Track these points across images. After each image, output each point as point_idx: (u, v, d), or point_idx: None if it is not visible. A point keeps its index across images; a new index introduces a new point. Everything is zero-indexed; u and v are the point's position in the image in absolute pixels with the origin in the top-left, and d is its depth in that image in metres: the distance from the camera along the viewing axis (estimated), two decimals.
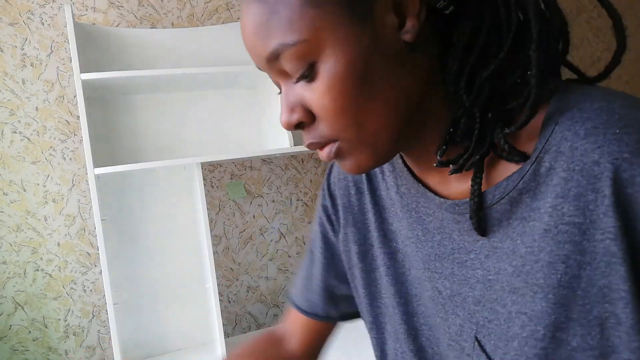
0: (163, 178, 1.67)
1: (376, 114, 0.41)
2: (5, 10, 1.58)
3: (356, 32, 0.39)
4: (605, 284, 0.37)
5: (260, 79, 1.67)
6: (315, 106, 0.42)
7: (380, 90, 0.41)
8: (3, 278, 1.55)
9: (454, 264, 0.48)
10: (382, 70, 0.40)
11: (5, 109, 1.57)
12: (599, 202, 0.37)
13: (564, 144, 0.39)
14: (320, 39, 0.39)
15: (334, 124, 0.42)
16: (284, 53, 0.40)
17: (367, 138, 0.42)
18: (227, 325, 1.84)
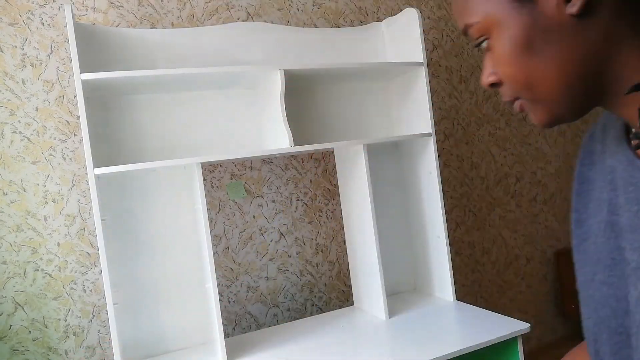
0: (163, 178, 1.67)
1: (546, 78, 0.49)
2: (5, 10, 1.58)
3: (517, 13, 0.48)
4: None
5: (260, 79, 1.67)
6: (496, 72, 0.53)
7: (548, 60, 0.48)
8: (3, 278, 1.55)
9: None
10: (546, 43, 0.48)
11: (5, 109, 1.57)
12: None
13: None
14: (489, 21, 0.50)
15: (511, 87, 0.52)
16: (469, 29, 0.53)
17: (541, 97, 0.50)
18: (227, 325, 1.85)
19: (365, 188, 1.69)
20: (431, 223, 1.88)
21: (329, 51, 1.93)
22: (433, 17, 2.38)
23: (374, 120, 2.01)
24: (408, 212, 2.03)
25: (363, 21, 2.16)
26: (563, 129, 2.81)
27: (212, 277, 1.48)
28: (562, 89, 0.49)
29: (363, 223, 1.76)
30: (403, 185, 2.03)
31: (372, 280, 1.75)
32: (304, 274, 2.00)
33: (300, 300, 1.99)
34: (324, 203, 2.05)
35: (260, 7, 1.96)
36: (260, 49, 1.81)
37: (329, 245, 2.05)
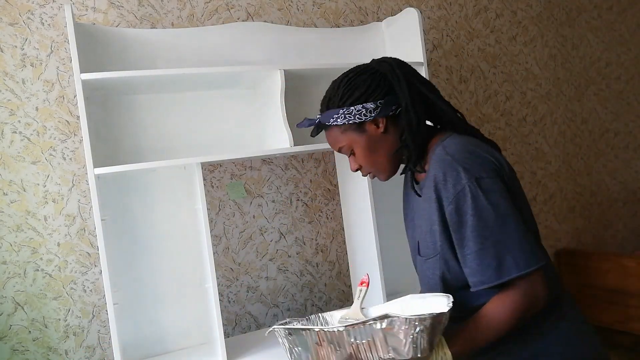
0: (163, 178, 1.67)
1: (381, 162, 1.11)
2: (5, 10, 1.58)
3: (361, 137, 1.08)
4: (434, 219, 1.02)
5: (260, 79, 1.67)
6: (360, 163, 1.12)
7: (380, 152, 1.09)
8: (3, 278, 1.55)
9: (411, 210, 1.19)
10: (377, 145, 1.09)
11: (5, 109, 1.57)
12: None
13: (431, 167, 1.05)
14: (350, 143, 1.10)
15: (366, 168, 1.13)
16: (341, 149, 1.12)
17: (380, 170, 1.12)
18: (227, 325, 1.85)
19: (365, 188, 1.69)
20: None
21: (329, 51, 1.93)
22: (433, 17, 2.38)
23: None
24: None
25: (363, 21, 2.16)
26: (563, 129, 2.81)
27: (212, 277, 1.47)
28: (389, 164, 1.11)
29: (363, 223, 1.76)
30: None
31: (372, 280, 1.75)
32: (304, 274, 2.00)
33: (300, 300, 1.99)
34: (324, 203, 2.05)
35: (260, 7, 1.96)
36: (260, 49, 1.81)
37: (329, 245, 2.05)
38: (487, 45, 2.54)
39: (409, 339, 0.85)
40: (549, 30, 2.79)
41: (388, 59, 1.09)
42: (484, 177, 0.94)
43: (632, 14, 3.16)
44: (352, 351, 0.90)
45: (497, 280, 0.92)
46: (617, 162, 3.03)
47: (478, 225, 0.93)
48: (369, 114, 1.04)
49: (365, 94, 1.04)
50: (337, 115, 1.07)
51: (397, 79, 1.04)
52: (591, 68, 2.96)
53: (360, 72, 1.08)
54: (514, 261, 0.91)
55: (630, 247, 3.03)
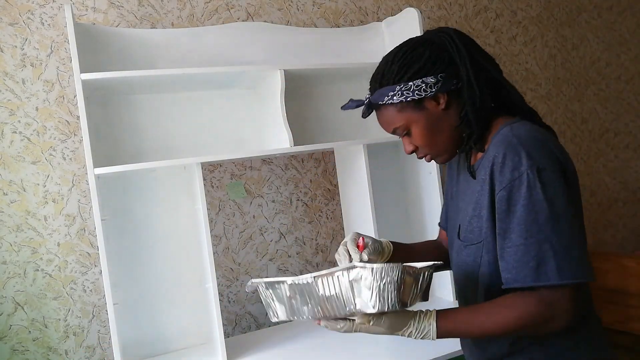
0: (163, 178, 1.67)
1: (442, 142, 1.00)
2: (5, 10, 1.58)
3: (420, 115, 0.98)
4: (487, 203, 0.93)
5: (260, 79, 1.67)
6: (417, 144, 1.02)
7: (440, 132, 0.99)
8: (3, 278, 1.55)
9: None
10: (437, 124, 0.98)
11: (5, 109, 1.57)
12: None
13: (491, 148, 0.95)
14: (407, 122, 0.99)
15: (423, 150, 1.02)
16: (397, 129, 1.01)
17: (440, 151, 1.02)
18: (227, 325, 1.85)
19: (365, 188, 1.69)
20: (431, 223, 1.88)
21: (329, 51, 1.93)
22: (433, 17, 2.38)
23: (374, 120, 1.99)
24: (408, 212, 2.03)
25: (363, 21, 2.16)
26: (563, 129, 2.81)
27: (212, 277, 1.48)
28: (449, 144, 1.01)
29: (363, 223, 1.76)
30: (403, 185, 2.03)
31: None
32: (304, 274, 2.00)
33: None
34: (324, 203, 2.05)
35: (260, 7, 1.96)
36: (260, 49, 1.81)
37: (329, 245, 2.05)
38: (487, 45, 2.54)
39: (375, 291, 0.81)
40: (549, 30, 2.79)
41: (446, 29, 0.99)
42: (546, 169, 0.84)
43: (632, 14, 3.16)
44: (322, 304, 0.86)
45: (532, 283, 0.83)
46: (617, 162, 3.03)
47: (527, 218, 0.84)
48: (429, 89, 0.94)
49: (425, 67, 0.94)
50: (392, 93, 0.95)
51: (457, 50, 0.95)
52: (591, 68, 2.96)
53: (416, 45, 0.97)
54: (557, 267, 0.82)
55: (630, 247, 3.03)
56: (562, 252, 0.82)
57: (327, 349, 1.51)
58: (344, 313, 0.86)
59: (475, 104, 0.94)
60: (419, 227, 1.96)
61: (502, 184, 0.87)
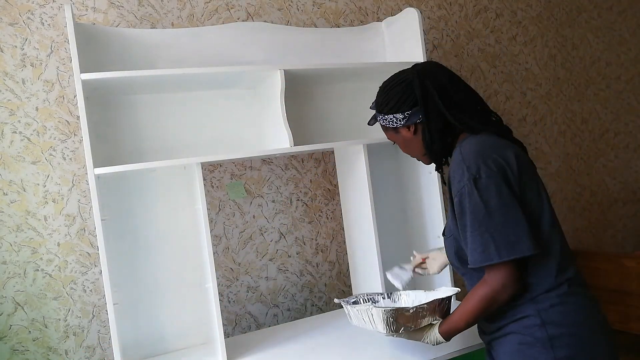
0: (163, 178, 1.67)
1: (416, 155, 1.34)
2: (5, 10, 1.58)
3: (397, 136, 1.32)
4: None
5: (260, 79, 1.67)
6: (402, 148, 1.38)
7: (413, 149, 1.32)
8: (3, 278, 1.55)
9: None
10: (410, 144, 1.31)
11: (5, 109, 1.57)
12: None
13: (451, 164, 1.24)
14: (391, 138, 1.36)
15: (407, 153, 1.38)
16: (389, 139, 1.38)
17: (419, 159, 1.36)
18: (227, 325, 1.85)
19: (365, 188, 1.69)
20: (431, 223, 1.88)
21: (329, 51, 1.93)
22: (433, 17, 2.38)
23: None
24: (408, 212, 2.03)
25: (363, 21, 2.16)
26: (563, 129, 2.81)
27: (212, 277, 1.47)
28: (422, 158, 1.32)
29: (363, 223, 1.76)
30: (403, 185, 2.03)
31: (372, 280, 1.75)
32: (304, 274, 2.00)
33: (300, 300, 1.99)
34: (324, 203, 2.05)
35: (260, 7, 1.96)
36: (260, 49, 1.81)
37: (329, 245, 2.05)
38: (487, 45, 2.54)
39: (383, 322, 1.27)
40: (549, 30, 2.79)
41: (419, 71, 1.25)
42: (481, 177, 1.12)
43: (632, 14, 3.16)
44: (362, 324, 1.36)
45: (481, 263, 1.11)
46: (617, 162, 3.03)
47: (472, 216, 1.12)
48: (398, 122, 1.27)
49: (395, 106, 1.26)
50: (379, 118, 1.32)
51: (420, 94, 1.23)
52: (591, 68, 2.96)
53: (395, 84, 1.28)
54: (496, 249, 1.09)
55: (630, 247, 3.03)
56: (498, 238, 1.09)
57: (327, 349, 1.51)
58: (375, 331, 1.33)
59: (427, 142, 1.26)
60: (419, 227, 1.96)
61: (454, 193, 1.16)
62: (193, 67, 1.53)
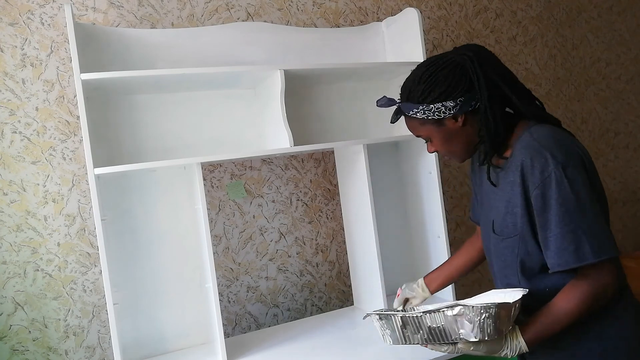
0: (163, 178, 1.67)
1: (457, 150, 1.16)
2: (5, 10, 1.58)
3: (439, 130, 1.13)
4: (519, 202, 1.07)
5: (260, 79, 1.67)
6: (436, 149, 1.19)
7: (456, 143, 1.15)
8: (3, 278, 1.55)
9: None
10: (454, 137, 1.13)
11: (5, 109, 1.57)
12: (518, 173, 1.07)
13: (516, 153, 1.08)
14: (428, 133, 1.15)
15: (443, 154, 1.20)
16: (420, 136, 1.18)
17: (455, 156, 1.19)
18: (227, 325, 1.85)
19: (365, 188, 1.69)
20: (431, 223, 1.88)
21: (329, 51, 1.93)
22: (433, 17, 2.38)
23: (374, 120, 2.01)
24: (408, 212, 2.03)
25: (363, 21, 2.16)
26: None
27: (212, 277, 1.47)
28: (465, 152, 1.17)
29: (363, 223, 1.76)
30: (403, 185, 2.03)
31: (372, 280, 1.75)
32: (304, 274, 2.00)
33: (300, 300, 1.99)
34: (324, 203, 2.05)
35: (260, 7, 1.96)
36: (260, 49, 1.81)
37: (329, 245, 2.05)
38: (487, 45, 2.54)
39: (476, 324, 0.99)
40: (549, 30, 2.79)
41: (469, 53, 1.09)
42: (569, 166, 0.99)
43: (632, 14, 3.16)
44: (431, 333, 1.05)
45: (574, 264, 0.98)
46: (617, 162, 3.03)
47: (560, 211, 0.98)
48: (448, 111, 1.08)
49: (446, 92, 1.07)
50: (416, 110, 1.11)
51: (476, 76, 1.07)
52: (591, 68, 2.96)
53: (442, 66, 1.09)
54: (591, 248, 0.97)
55: (630, 247, 3.03)
56: (593, 235, 0.98)
57: (327, 350, 1.51)
58: (449, 340, 1.04)
59: (490, 128, 1.08)
60: (419, 227, 1.96)
61: (534, 185, 1.01)
62: (193, 67, 1.53)
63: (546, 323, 1.03)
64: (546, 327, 1.03)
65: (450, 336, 1.03)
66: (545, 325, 1.03)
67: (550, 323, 1.03)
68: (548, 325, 1.03)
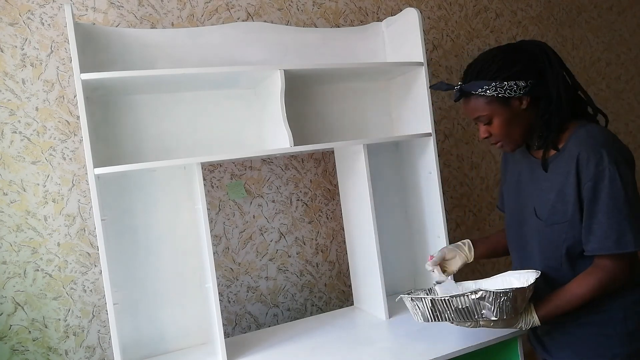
0: (163, 178, 1.67)
1: (515, 135, 1.23)
2: (5, 10, 1.58)
3: (504, 110, 1.20)
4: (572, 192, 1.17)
5: (260, 79, 1.67)
6: (492, 132, 1.24)
7: (516, 127, 1.22)
8: (3, 278, 1.55)
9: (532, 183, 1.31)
10: (515, 120, 1.21)
11: (5, 109, 1.57)
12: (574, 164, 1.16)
13: (571, 146, 1.19)
14: (491, 113, 1.21)
15: (497, 138, 1.25)
16: (481, 117, 1.23)
17: (512, 141, 1.25)
18: (227, 325, 1.85)
19: (365, 188, 1.69)
20: (431, 223, 1.88)
21: (329, 51, 1.93)
22: (433, 17, 2.38)
23: (374, 120, 2.01)
24: (408, 212, 2.03)
25: (363, 21, 2.16)
26: None
27: (212, 277, 1.48)
28: (521, 137, 1.24)
29: (363, 223, 1.76)
30: (403, 185, 2.03)
31: (372, 280, 1.75)
32: (304, 274, 2.00)
33: (300, 300, 1.99)
34: (324, 203, 2.05)
35: (260, 7, 1.96)
36: (260, 49, 1.81)
37: (329, 245, 2.05)
38: (487, 45, 2.54)
39: (496, 306, 1.15)
40: (549, 30, 2.79)
41: (540, 43, 1.21)
42: (621, 163, 1.11)
43: (632, 14, 3.16)
44: (457, 313, 1.21)
45: (615, 250, 1.10)
46: None
47: (609, 202, 1.10)
48: (519, 90, 1.16)
49: (520, 71, 1.16)
50: (487, 87, 1.17)
51: (549, 64, 1.18)
52: (591, 68, 2.96)
53: (515, 50, 1.20)
54: (633, 238, 1.09)
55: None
56: (636, 227, 1.10)
57: (327, 350, 1.51)
58: (472, 319, 1.21)
59: (560, 113, 1.18)
60: (419, 227, 1.96)
61: (588, 177, 1.12)
62: (193, 67, 1.53)
63: (558, 304, 1.17)
64: (558, 306, 1.18)
65: (473, 316, 1.19)
66: (557, 306, 1.18)
67: (562, 304, 1.17)
68: (559, 306, 1.18)
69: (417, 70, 1.81)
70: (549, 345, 1.31)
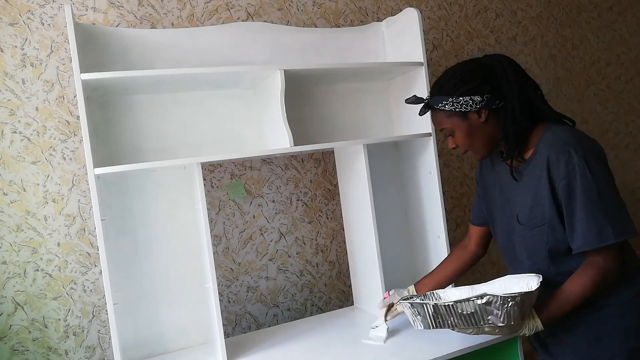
0: (163, 178, 1.67)
1: (477, 146, 1.28)
2: (5, 10, 1.58)
3: (463, 123, 1.25)
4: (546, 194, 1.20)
5: (260, 79, 1.67)
6: (457, 144, 1.29)
7: (477, 138, 1.26)
8: (3, 278, 1.55)
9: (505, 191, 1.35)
10: (476, 132, 1.25)
11: (5, 109, 1.57)
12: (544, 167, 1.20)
13: (541, 150, 1.22)
14: (452, 126, 1.27)
15: (463, 148, 1.29)
16: (445, 129, 1.29)
17: (476, 151, 1.29)
18: (227, 325, 1.85)
19: (365, 188, 1.69)
20: (431, 223, 1.88)
21: (329, 51, 1.93)
22: (433, 17, 2.38)
23: (374, 120, 2.01)
24: (408, 212, 2.03)
25: (363, 21, 2.16)
26: None
27: (212, 277, 1.47)
28: (484, 148, 1.28)
29: (363, 223, 1.76)
30: (403, 185, 2.03)
31: (372, 280, 1.75)
32: (304, 274, 2.00)
33: (300, 300, 1.99)
34: (324, 203, 2.05)
35: (260, 7, 1.96)
36: (260, 49, 1.81)
37: (329, 245, 2.05)
38: (487, 45, 2.54)
39: (503, 311, 1.11)
40: (549, 30, 2.79)
41: (500, 57, 1.25)
42: (590, 159, 1.13)
43: (632, 14, 3.16)
44: (461, 319, 1.16)
45: (597, 245, 1.12)
46: (617, 162, 3.03)
47: (585, 198, 1.12)
48: (474, 105, 1.21)
49: (474, 87, 1.21)
50: (445, 102, 1.24)
51: (505, 77, 1.21)
52: (591, 68, 2.96)
53: (473, 66, 1.26)
54: (613, 230, 1.11)
55: None
56: (614, 219, 1.12)
57: (327, 350, 1.51)
58: (477, 325, 1.16)
59: (516, 124, 1.21)
60: (419, 227, 1.96)
61: (560, 177, 1.15)
62: (193, 67, 1.53)
63: (559, 305, 1.17)
64: (559, 308, 1.17)
65: (479, 322, 1.15)
66: (558, 307, 1.17)
67: (563, 305, 1.17)
68: (561, 307, 1.17)
69: (417, 70, 1.81)
70: (551, 346, 1.31)
